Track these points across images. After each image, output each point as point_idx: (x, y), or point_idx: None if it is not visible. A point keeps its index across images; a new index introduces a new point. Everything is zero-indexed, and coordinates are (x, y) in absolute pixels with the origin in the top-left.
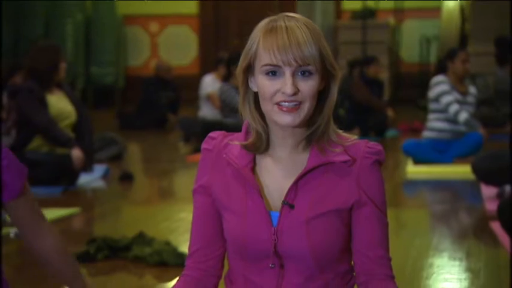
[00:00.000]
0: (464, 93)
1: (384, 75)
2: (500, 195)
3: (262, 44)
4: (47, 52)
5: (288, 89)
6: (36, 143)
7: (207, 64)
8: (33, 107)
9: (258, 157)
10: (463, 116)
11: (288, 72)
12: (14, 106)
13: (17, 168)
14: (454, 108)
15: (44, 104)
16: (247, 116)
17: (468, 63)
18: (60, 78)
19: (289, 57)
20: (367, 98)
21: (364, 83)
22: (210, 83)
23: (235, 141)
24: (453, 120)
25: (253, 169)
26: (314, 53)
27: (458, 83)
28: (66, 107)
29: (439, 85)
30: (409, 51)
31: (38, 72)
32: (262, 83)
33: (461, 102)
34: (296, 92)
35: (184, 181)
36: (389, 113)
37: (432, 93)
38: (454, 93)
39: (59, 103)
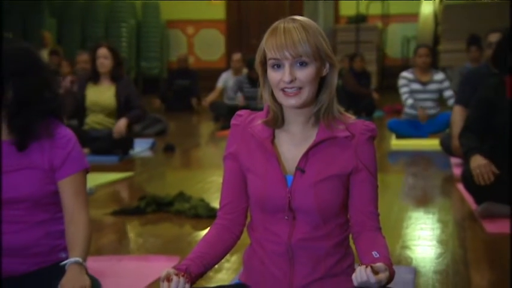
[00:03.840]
0: (426, 83)
1: (372, 67)
2: (463, 163)
3: (266, 43)
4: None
5: (286, 77)
6: (96, 123)
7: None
8: (75, 96)
9: (276, 131)
10: (409, 102)
11: (286, 64)
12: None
13: (76, 159)
14: (404, 97)
15: (81, 94)
16: (267, 99)
17: (426, 57)
18: (99, 72)
19: (285, 53)
20: (354, 88)
21: (353, 75)
22: (223, 78)
23: (258, 120)
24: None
25: (272, 141)
26: (307, 48)
27: (421, 74)
28: (102, 100)
29: (399, 79)
30: (393, 49)
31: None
32: (270, 74)
33: (419, 91)
34: (293, 79)
35: (215, 152)
36: (375, 96)
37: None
38: (413, 84)
39: (94, 96)
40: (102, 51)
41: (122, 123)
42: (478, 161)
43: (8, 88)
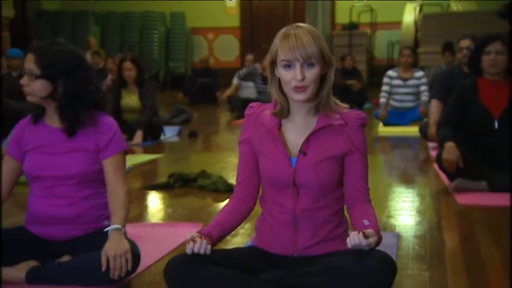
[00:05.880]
0: (406, 79)
1: (362, 67)
2: (439, 147)
3: (279, 46)
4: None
5: (298, 76)
6: (130, 120)
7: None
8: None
9: (282, 121)
10: (381, 100)
11: (297, 65)
12: None
13: (117, 142)
14: (381, 94)
15: (118, 97)
16: (274, 94)
17: (408, 57)
18: (127, 78)
19: (297, 55)
20: (343, 84)
21: (344, 72)
22: (236, 76)
23: (267, 111)
24: (401, 100)
25: (279, 129)
26: (314, 50)
27: (404, 71)
28: (132, 104)
29: (384, 77)
30: (380, 51)
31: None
32: (281, 73)
33: (400, 86)
34: (303, 78)
35: (231, 137)
36: (357, 84)
37: None
38: (395, 80)
39: (125, 100)
40: (127, 65)
41: (138, 136)
42: (450, 155)
43: (59, 84)
